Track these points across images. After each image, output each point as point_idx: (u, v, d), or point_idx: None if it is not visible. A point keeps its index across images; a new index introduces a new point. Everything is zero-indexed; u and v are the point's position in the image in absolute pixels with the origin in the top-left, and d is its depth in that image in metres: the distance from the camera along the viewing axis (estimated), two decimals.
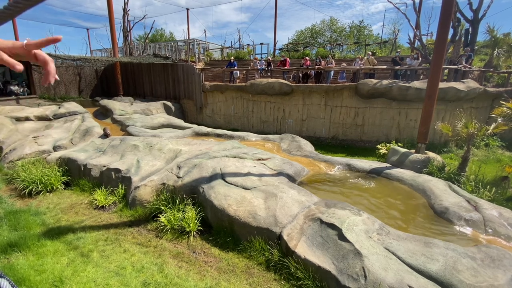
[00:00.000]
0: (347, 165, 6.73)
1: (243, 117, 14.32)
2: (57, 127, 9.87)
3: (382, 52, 19.31)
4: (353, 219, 3.78)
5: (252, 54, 21.91)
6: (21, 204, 5.95)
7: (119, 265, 3.92)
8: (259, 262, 3.89)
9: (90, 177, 6.42)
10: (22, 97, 14.38)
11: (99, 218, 5.29)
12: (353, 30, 36.03)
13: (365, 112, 11.30)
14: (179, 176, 5.57)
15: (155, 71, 17.08)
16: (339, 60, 15.78)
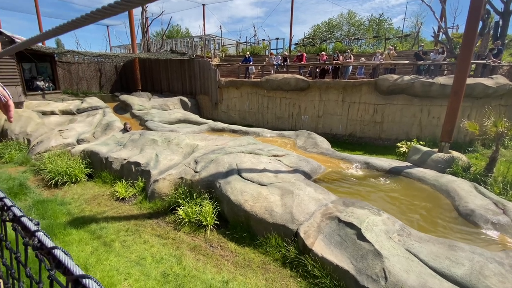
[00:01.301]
0: (365, 163, 6.56)
1: (257, 113, 14.29)
2: (80, 121, 10.29)
3: (403, 47, 18.57)
4: (372, 218, 3.69)
5: (267, 49, 21.73)
6: (48, 194, 6.27)
7: (140, 256, 4.06)
8: (275, 258, 3.89)
9: (112, 170, 6.66)
10: (48, 92, 15.07)
11: (120, 210, 5.49)
12: (372, 24, 34.83)
13: (385, 108, 10.94)
14: (196, 170, 5.66)
15: (172, 67, 17.36)
16: (357, 55, 15.34)
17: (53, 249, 0.27)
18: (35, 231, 0.30)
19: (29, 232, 0.31)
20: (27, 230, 0.31)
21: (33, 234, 0.30)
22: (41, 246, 0.28)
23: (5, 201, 0.39)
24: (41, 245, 0.28)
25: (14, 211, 0.35)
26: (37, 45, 14.32)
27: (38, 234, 0.30)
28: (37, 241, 0.29)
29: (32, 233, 0.30)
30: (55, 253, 0.27)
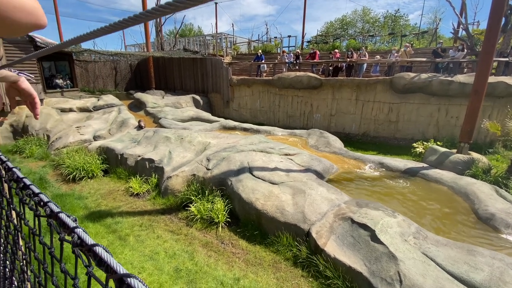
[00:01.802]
0: (379, 163, 6.42)
1: (269, 111, 14.24)
2: (97, 118, 10.60)
3: (420, 44, 17.98)
4: (387, 220, 3.61)
5: (279, 47, 21.58)
6: (66, 188, 6.51)
7: (153, 250, 4.14)
8: (286, 258, 3.88)
9: (126, 166, 6.82)
10: (66, 89, 15.60)
11: (134, 205, 5.62)
12: (388, 20, 33.89)
13: (400, 107, 10.64)
14: (208, 168, 5.71)
15: (185, 65, 17.55)
16: (372, 52, 14.98)
17: (94, 246, 0.27)
18: (74, 228, 0.31)
19: (67, 228, 0.31)
20: (65, 226, 0.32)
21: (73, 231, 0.30)
22: (81, 243, 0.29)
23: (41, 197, 0.40)
24: (81, 242, 0.29)
25: (51, 207, 0.36)
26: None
27: (78, 231, 0.30)
28: (77, 238, 0.29)
29: (71, 229, 0.31)
30: (96, 251, 0.27)
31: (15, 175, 0.47)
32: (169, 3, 0.28)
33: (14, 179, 0.46)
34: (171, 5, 0.28)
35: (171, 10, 0.29)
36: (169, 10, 0.29)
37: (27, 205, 0.42)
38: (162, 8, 0.29)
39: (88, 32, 0.39)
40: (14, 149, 8.98)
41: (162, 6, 0.29)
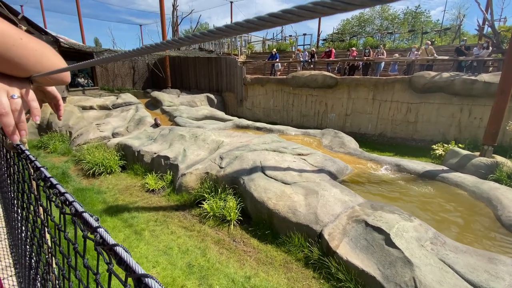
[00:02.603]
0: (396, 165, 6.24)
1: (282, 111, 14.18)
2: (115, 116, 10.98)
3: (442, 41, 17.24)
4: (403, 224, 3.51)
5: (294, 46, 21.40)
6: (86, 183, 6.80)
7: (167, 246, 4.25)
8: (298, 258, 3.87)
9: (143, 163, 7.03)
10: (87, 88, 16.25)
11: (150, 201, 5.78)
12: (408, 17, 32.73)
13: (419, 107, 10.27)
14: (221, 166, 5.78)
15: (200, 65, 17.80)
16: (390, 51, 14.53)
17: (115, 246, 0.29)
18: (97, 227, 0.33)
19: (90, 227, 0.34)
20: (88, 225, 0.34)
21: (95, 230, 0.32)
22: (103, 242, 0.31)
23: (66, 196, 0.43)
24: (103, 241, 0.31)
25: (76, 207, 0.39)
26: (79, 45, 15.48)
27: (100, 230, 0.32)
28: (99, 237, 0.31)
29: (94, 228, 0.33)
30: (116, 250, 0.29)
31: (43, 175, 0.51)
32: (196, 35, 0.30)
33: (42, 178, 0.50)
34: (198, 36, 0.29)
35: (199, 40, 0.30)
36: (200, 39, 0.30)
37: (53, 202, 0.46)
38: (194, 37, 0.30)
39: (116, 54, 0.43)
40: (39, 144, 9.49)
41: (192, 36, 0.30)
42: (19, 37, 0.46)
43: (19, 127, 0.48)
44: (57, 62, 0.54)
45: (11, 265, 1.61)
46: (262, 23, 0.25)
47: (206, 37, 0.29)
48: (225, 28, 0.27)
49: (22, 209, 0.85)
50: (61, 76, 0.55)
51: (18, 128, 0.48)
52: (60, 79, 0.57)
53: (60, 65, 0.55)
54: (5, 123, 0.46)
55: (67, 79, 0.61)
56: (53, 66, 0.52)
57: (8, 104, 0.46)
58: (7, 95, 0.47)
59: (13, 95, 0.48)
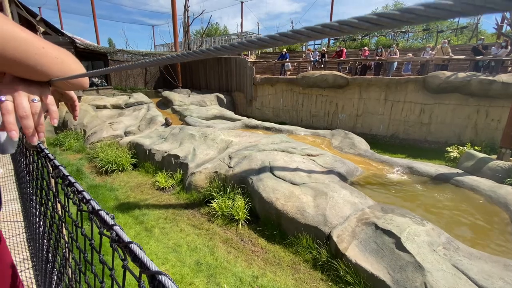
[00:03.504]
0: (408, 167, 6.10)
1: (292, 111, 14.11)
2: (128, 115, 11.22)
3: (458, 40, 16.70)
4: (414, 228, 3.43)
5: (304, 45, 21.24)
6: (99, 180, 6.98)
7: (176, 243, 4.32)
8: (306, 259, 3.85)
9: (154, 161, 7.16)
10: (101, 87, 16.68)
11: (160, 198, 5.89)
12: None
13: (433, 108, 10.00)
14: (230, 166, 5.81)
15: (210, 65, 17.94)
16: (404, 50, 14.21)
17: (130, 244, 0.31)
18: (113, 225, 0.34)
19: (107, 225, 0.35)
20: (104, 222, 0.36)
21: (111, 228, 0.34)
22: (119, 239, 0.32)
23: (84, 194, 0.45)
24: (118, 238, 0.32)
25: (92, 205, 0.41)
26: (93, 45, 15.90)
27: (116, 228, 0.34)
28: (115, 234, 0.33)
29: (110, 226, 0.35)
30: (132, 248, 0.31)
31: (61, 173, 0.53)
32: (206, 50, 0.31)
33: (61, 176, 0.52)
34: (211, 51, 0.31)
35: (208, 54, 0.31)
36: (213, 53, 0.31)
37: (71, 199, 0.48)
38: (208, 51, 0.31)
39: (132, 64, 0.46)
40: (55, 142, 9.82)
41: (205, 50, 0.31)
42: (41, 46, 0.48)
43: (37, 129, 0.51)
44: (77, 69, 0.57)
45: (28, 258, 1.68)
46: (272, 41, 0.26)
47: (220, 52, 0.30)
48: (237, 45, 0.28)
49: (40, 204, 0.90)
50: (80, 81, 0.58)
51: (37, 130, 0.51)
52: (79, 85, 0.60)
53: (80, 72, 0.58)
54: (25, 126, 0.48)
55: (85, 85, 0.63)
56: (72, 72, 0.55)
57: (29, 108, 0.49)
58: (28, 99, 0.50)
59: (34, 99, 0.50)
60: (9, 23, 0.43)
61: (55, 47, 0.53)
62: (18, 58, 0.45)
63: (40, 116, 0.51)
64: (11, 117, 0.47)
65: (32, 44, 0.47)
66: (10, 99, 0.48)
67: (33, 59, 0.47)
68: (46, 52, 0.49)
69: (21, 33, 0.45)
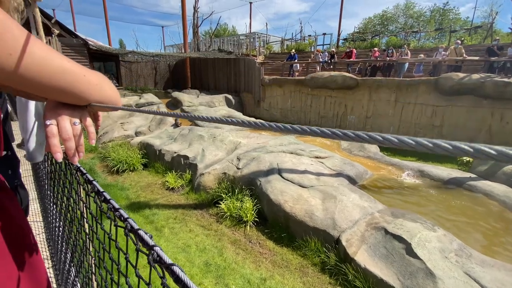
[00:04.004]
0: (419, 171, 6.00)
1: (300, 112, 14.07)
2: (138, 115, 11.42)
3: (472, 40, 16.26)
4: (425, 234, 3.38)
5: (313, 46, 21.12)
6: (111, 179, 7.14)
7: (185, 243, 4.38)
8: (314, 263, 3.84)
9: (163, 161, 7.28)
10: None
11: (170, 198, 5.98)
12: (435, 14, 31.24)
13: (446, 111, 9.79)
14: (239, 167, 5.85)
15: (219, 66, 18.08)
16: (415, 50, 13.96)
17: (172, 266, 0.34)
18: (153, 246, 0.37)
19: (147, 245, 0.38)
20: (144, 242, 0.39)
21: (152, 248, 0.37)
22: (160, 260, 0.35)
23: (121, 212, 0.48)
24: (160, 259, 0.35)
25: (130, 223, 0.44)
26: (105, 47, 16.24)
27: (156, 249, 0.37)
28: (156, 255, 0.36)
29: (150, 247, 0.37)
30: (174, 269, 0.33)
31: (96, 188, 0.57)
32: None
33: (95, 191, 0.56)
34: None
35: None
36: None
37: (104, 213, 0.52)
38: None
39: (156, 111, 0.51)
40: None
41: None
42: (82, 74, 0.52)
43: (78, 149, 0.55)
44: (112, 94, 0.61)
45: (48, 257, 1.76)
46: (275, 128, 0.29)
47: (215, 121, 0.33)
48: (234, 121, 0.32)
49: (66, 211, 0.94)
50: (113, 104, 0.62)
51: (77, 151, 0.55)
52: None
53: (115, 96, 0.63)
54: (68, 147, 0.53)
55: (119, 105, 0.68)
56: (109, 96, 0.59)
57: (71, 131, 0.54)
58: (70, 122, 0.54)
59: (75, 121, 0.55)
60: (57, 56, 0.47)
61: (94, 74, 0.57)
62: (64, 87, 0.49)
63: (81, 138, 0.56)
64: (56, 140, 0.51)
65: (76, 73, 0.51)
66: (55, 123, 0.53)
67: (77, 87, 0.51)
68: (87, 80, 0.53)
69: (67, 64, 0.49)
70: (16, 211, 0.54)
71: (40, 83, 0.45)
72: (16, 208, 0.54)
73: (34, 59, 0.42)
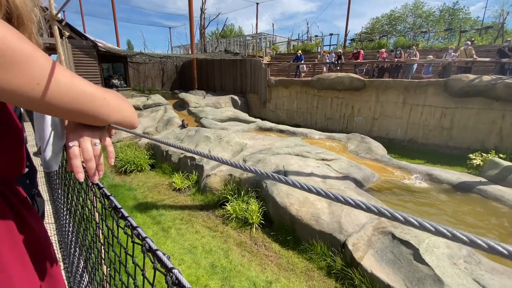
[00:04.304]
0: (427, 174, 5.92)
1: (306, 113, 14.02)
2: (146, 116, 11.57)
3: (483, 40, 15.94)
4: (433, 239, 3.34)
5: (320, 46, 21.02)
6: (119, 179, 7.25)
7: (192, 244, 4.42)
8: (320, 267, 3.83)
9: (170, 162, 7.35)
10: (121, 89, 17.29)
11: (176, 199, 6.04)
12: (444, 14, 30.72)
13: (455, 113, 9.62)
14: None
15: (225, 67, 18.16)
16: (424, 50, 13.76)
17: None
18: (172, 268, 0.39)
19: (165, 266, 0.40)
20: (162, 263, 0.41)
21: (170, 271, 0.39)
22: (179, 283, 0.37)
23: (139, 231, 0.50)
24: (178, 282, 0.37)
25: (149, 243, 0.46)
26: (114, 48, 16.49)
27: (175, 272, 0.38)
28: (175, 278, 0.37)
29: (169, 269, 0.39)
30: None
31: (113, 204, 0.59)
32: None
33: (113, 207, 0.58)
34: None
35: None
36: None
37: (121, 228, 0.54)
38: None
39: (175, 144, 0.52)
40: None
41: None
42: (103, 97, 0.54)
43: (98, 168, 0.58)
44: (131, 114, 0.63)
45: (60, 260, 1.80)
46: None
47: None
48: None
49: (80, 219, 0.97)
50: (131, 124, 0.64)
51: (97, 169, 0.58)
52: (130, 126, 0.66)
53: (133, 116, 0.65)
54: (89, 167, 0.55)
55: (136, 126, 0.70)
56: (127, 117, 0.61)
57: (92, 151, 0.56)
58: (91, 143, 0.57)
59: (96, 142, 0.57)
60: (79, 82, 0.50)
61: (114, 96, 0.59)
62: (86, 111, 0.52)
63: (101, 157, 0.58)
64: (78, 161, 0.54)
65: (97, 97, 0.53)
66: (77, 144, 0.55)
67: (98, 110, 0.54)
68: (107, 103, 0.55)
69: (89, 89, 0.51)
70: (37, 225, 0.56)
71: (64, 108, 0.47)
72: (37, 222, 0.57)
73: (59, 87, 0.45)
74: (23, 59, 0.39)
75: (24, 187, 0.87)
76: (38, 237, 0.55)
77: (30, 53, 0.40)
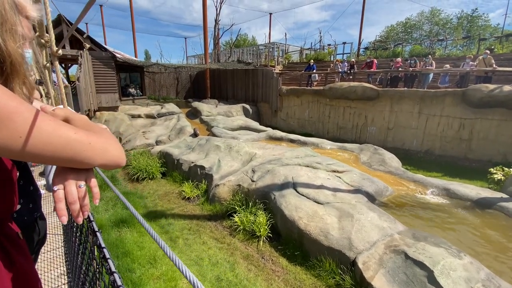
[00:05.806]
0: (444, 189, 5.65)
1: (317, 122, 13.89)
2: (159, 124, 11.86)
3: (503, 48, 15.33)
4: (450, 261, 3.15)
5: (333, 55, 20.95)
6: (131, 187, 7.41)
7: (198, 256, 4.41)
8: (328, 285, 3.70)
9: (181, 171, 7.45)
10: (137, 97, 17.85)
11: (185, 208, 6.08)
12: (463, 21, 29.91)
13: (475, 124, 9.22)
14: (253, 180, 5.84)
15: (237, 76, 18.43)
16: (440, 59, 13.40)
17: None
18: None
19: None
20: None
21: None
22: None
23: (115, 276, 0.50)
24: None
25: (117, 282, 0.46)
26: (131, 59, 17.16)
27: None
28: None
29: None
30: None
31: (98, 242, 0.60)
32: None
33: (97, 245, 0.59)
34: None
35: None
36: None
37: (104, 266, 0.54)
38: None
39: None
40: None
41: None
42: (88, 142, 0.56)
43: (82, 209, 0.59)
44: (117, 154, 0.64)
45: (64, 273, 1.83)
46: None
47: None
48: None
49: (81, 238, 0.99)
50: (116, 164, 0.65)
51: (82, 211, 0.58)
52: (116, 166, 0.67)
53: (119, 156, 0.65)
54: (72, 210, 0.56)
55: (122, 165, 0.70)
56: (113, 158, 0.62)
57: (76, 194, 0.57)
58: (76, 185, 0.58)
59: (80, 184, 0.58)
60: (63, 129, 0.51)
61: (99, 138, 0.60)
62: (70, 157, 0.53)
63: (85, 198, 0.59)
64: (62, 204, 0.55)
65: (82, 143, 0.54)
66: (62, 187, 0.56)
67: (82, 155, 0.55)
68: (92, 147, 0.56)
69: (73, 135, 0.53)
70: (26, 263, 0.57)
71: (48, 157, 0.49)
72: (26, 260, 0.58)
73: (41, 138, 0.46)
74: (8, 115, 0.40)
75: (26, 211, 0.89)
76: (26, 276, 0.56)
77: (13, 108, 0.42)
